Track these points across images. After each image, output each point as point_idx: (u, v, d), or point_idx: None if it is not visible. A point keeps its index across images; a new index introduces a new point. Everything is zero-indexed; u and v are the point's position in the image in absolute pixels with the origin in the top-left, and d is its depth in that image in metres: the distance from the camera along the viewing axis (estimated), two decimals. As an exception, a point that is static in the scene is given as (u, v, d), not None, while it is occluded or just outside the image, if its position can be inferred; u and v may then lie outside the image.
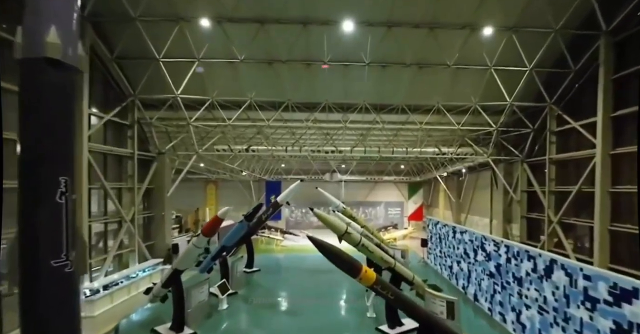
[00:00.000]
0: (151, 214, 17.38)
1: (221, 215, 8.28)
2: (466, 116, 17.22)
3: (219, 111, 17.40)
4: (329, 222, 8.59)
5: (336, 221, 8.58)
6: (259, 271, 17.37)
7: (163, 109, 16.88)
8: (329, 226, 8.62)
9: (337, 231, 8.51)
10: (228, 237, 13.39)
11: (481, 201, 24.15)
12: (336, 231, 8.52)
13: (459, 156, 19.28)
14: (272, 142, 20.39)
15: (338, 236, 8.66)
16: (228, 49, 15.18)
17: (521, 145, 18.25)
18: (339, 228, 8.51)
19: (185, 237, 20.32)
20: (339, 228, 8.54)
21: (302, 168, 33.52)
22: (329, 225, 8.58)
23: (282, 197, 15.85)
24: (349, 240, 8.88)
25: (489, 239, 11.18)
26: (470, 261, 12.99)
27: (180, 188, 36.60)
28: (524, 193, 17.87)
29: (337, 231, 8.53)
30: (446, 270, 16.53)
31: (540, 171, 17.02)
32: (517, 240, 17.54)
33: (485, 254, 11.39)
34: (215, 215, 8.46)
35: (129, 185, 15.74)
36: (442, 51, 15.19)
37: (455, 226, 15.20)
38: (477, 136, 19.73)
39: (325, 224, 8.61)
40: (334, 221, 8.59)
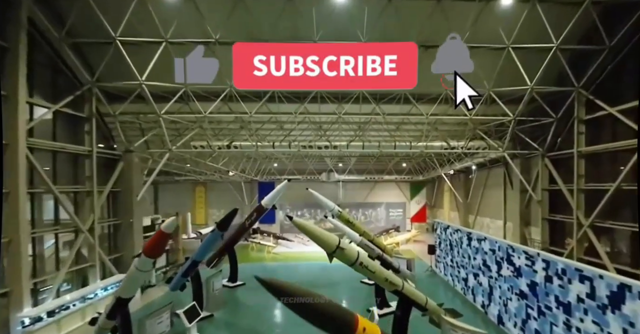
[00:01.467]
0: (118, 222, 15.09)
1: (166, 229, 6.11)
2: (478, 105, 14.95)
3: (195, 102, 15.14)
4: (315, 235, 6.26)
5: (324, 234, 6.25)
6: (244, 285, 15.14)
7: (129, 100, 14.63)
8: (315, 240, 6.33)
9: (326, 246, 6.21)
10: (199, 250, 11.22)
11: (492, 201, 21.89)
12: (325, 246, 6.22)
13: (469, 150, 17.02)
14: (259, 138, 18.09)
15: (328, 253, 6.39)
16: (201, 28, 12.98)
17: (540, 137, 16.02)
18: (328, 243, 6.19)
19: (161, 247, 18.03)
20: (329, 243, 6.22)
21: (296, 168, 31.25)
22: (315, 239, 6.27)
23: (267, 200, 13.56)
24: (343, 258, 6.56)
25: (518, 250, 8.84)
26: (491, 274, 10.74)
27: (166, 190, 34.67)
28: (545, 192, 15.62)
29: (326, 247, 6.23)
30: (459, 282, 14.27)
31: (564, 167, 14.79)
32: (538, 246, 15.30)
33: (513, 268, 9.12)
34: (159, 229, 6.28)
35: (88, 188, 13.46)
36: (451, 28, 13.00)
37: (470, 232, 12.88)
38: (488, 129, 17.50)
39: (310, 237, 6.32)
40: (321, 234, 6.25)
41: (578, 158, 13.47)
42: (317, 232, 6.33)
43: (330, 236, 6.34)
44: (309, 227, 6.54)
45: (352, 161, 28.74)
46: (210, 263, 15.57)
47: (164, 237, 6.38)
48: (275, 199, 13.16)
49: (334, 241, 6.33)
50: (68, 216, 12.47)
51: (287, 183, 12.71)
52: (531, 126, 16.20)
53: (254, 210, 13.82)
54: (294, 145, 17.11)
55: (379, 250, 12.44)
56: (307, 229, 6.52)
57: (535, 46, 12.71)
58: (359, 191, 35.17)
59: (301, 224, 6.52)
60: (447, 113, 16.09)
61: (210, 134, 18.27)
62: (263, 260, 21.93)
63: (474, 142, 16.96)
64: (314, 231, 6.37)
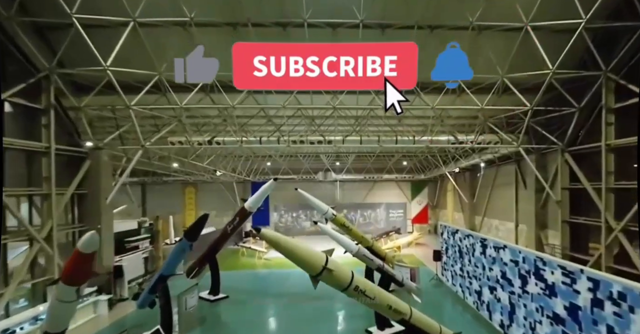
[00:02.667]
0: (84, 228, 13.35)
1: (84, 248, 4.28)
2: (490, 94, 13.29)
3: (171, 93, 13.42)
4: (292, 252, 4.46)
5: (303, 252, 4.42)
6: (227, 298, 13.48)
7: (96, 90, 12.94)
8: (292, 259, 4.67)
9: (308, 267, 4.45)
10: (166, 262, 9.52)
11: (502, 201, 20.23)
12: (307, 267, 4.46)
13: (480, 145, 15.32)
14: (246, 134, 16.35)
15: (311, 276, 4.66)
16: (175, 5, 11.30)
17: (558, 131, 14.36)
18: (310, 263, 4.39)
19: (139, 254, 16.35)
20: (311, 263, 4.41)
21: (291, 167, 29.54)
22: (293, 257, 4.56)
23: (251, 202, 11.85)
24: (332, 282, 4.82)
25: (551, 264, 6.99)
26: (513, 290, 8.93)
27: (154, 192, 32.89)
28: (566, 191, 13.94)
29: (308, 268, 4.49)
30: (471, 295, 12.45)
31: (588, 163, 13.13)
32: (558, 252, 13.64)
33: (543, 285, 7.28)
34: (75, 249, 4.56)
35: (45, 190, 11.74)
36: (460, 4, 11.40)
37: (485, 239, 11.16)
38: (499, 121, 15.82)
39: (286, 255, 4.62)
40: (300, 251, 4.38)
41: (606, 152, 11.79)
42: (295, 249, 4.65)
43: (314, 253, 4.66)
44: (282, 242, 4.82)
45: (349, 159, 27.06)
46: (190, 273, 13.89)
47: (83, 259, 4.69)
48: (261, 201, 11.52)
49: (318, 260, 4.65)
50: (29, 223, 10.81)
51: (274, 183, 11.04)
52: (547, 118, 14.56)
53: (236, 214, 12.15)
54: (284, 140, 15.37)
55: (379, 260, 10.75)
56: (281, 245, 4.82)
57: (559, 23, 10.99)
58: (357, 191, 33.49)
59: (272, 238, 4.80)
60: (455, 104, 14.44)
61: (192, 130, 16.55)
62: (254, 267, 20.21)
63: (484, 136, 15.26)
64: (291, 246, 4.67)
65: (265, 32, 12.49)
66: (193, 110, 16.14)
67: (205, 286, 13.90)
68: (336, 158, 28.04)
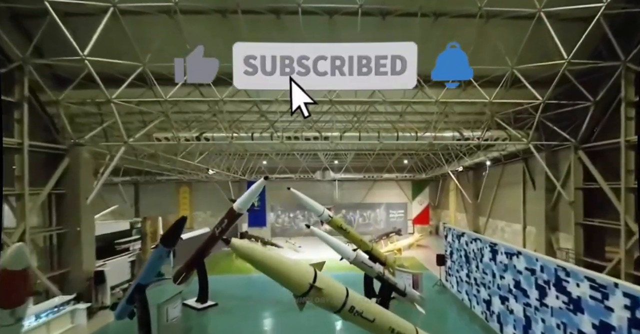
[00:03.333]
0: (62, 231, 12.45)
1: (10, 264, 3.22)
2: (499, 87, 12.39)
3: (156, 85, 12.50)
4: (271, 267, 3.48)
5: (285, 267, 3.47)
6: (216, 306, 12.59)
7: (75, 82, 12.06)
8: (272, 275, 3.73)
9: (292, 285, 3.45)
10: (144, 270, 8.63)
11: (508, 201, 19.33)
12: (290, 285, 3.49)
13: (487, 141, 14.39)
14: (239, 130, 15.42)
15: (296, 296, 3.67)
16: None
17: (570, 126, 13.46)
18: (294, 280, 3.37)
19: (124, 258, 15.45)
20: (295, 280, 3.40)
21: (288, 166, 28.64)
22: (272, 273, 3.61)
23: (240, 202, 10.94)
24: (321, 302, 3.86)
25: (576, 275, 5.94)
26: (529, 302, 7.94)
27: (148, 192, 31.93)
28: (579, 191, 13.04)
29: (292, 287, 3.49)
30: (479, 304, 11.49)
31: (604, 161, 12.24)
32: (572, 257, 12.75)
33: (567, 298, 6.25)
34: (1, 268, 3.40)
35: (18, 190, 10.83)
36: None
37: (495, 244, 10.24)
38: (506, 117, 14.91)
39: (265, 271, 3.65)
40: (280, 265, 3.45)
41: (626, 149, 10.88)
42: (275, 264, 3.75)
43: (299, 269, 3.76)
44: (258, 255, 3.86)
45: (348, 157, 26.16)
46: (177, 278, 13.00)
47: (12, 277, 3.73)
48: (250, 202, 10.61)
49: (304, 276, 3.78)
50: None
51: (264, 182, 10.14)
52: (557, 113, 13.67)
53: (225, 216, 11.25)
54: (277, 136, 14.45)
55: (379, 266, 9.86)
56: (256, 259, 3.86)
57: (576, 8, 10.08)
58: (356, 191, 32.56)
59: (245, 251, 3.82)
60: (459, 97, 13.54)
61: (182, 126, 15.65)
62: (247, 271, 19.25)
63: (491, 132, 14.34)
64: (270, 261, 3.76)
65: (256, 20, 11.62)
66: (182, 105, 15.24)
67: (193, 292, 13.01)
68: (335, 157, 27.13)
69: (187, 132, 14.79)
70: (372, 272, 8.79)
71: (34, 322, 10.19)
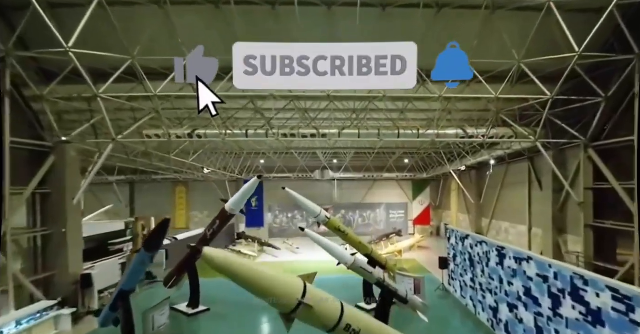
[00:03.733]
0: (47, 232, 11.88)
1: None
2: (505, 82, 11.82)
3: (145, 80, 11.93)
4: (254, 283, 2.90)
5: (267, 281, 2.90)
6: (208, 311, 12.01)
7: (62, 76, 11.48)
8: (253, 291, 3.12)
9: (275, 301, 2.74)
10: (126, 276, 8.08)
11: (512, 202, 18.75)
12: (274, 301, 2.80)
13: (492, 139, 13.81)
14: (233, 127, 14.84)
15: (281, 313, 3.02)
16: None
17: (578, 124, 12.89)
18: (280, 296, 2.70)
19: (115, 260, 14.88)
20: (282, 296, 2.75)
21: (287, 165, 28.07)
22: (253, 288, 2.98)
23: (232, 203, 10.34)
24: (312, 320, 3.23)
25: (596, 284, 5.26)
26: (540, 311, 7.33)
27: (143, 191, 31.33)
28: (589, 191, 12.46)
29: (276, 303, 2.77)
30: (484, 311, 10.89)
31: (616, 160, 11.68)
32: (581, 262, 12.18)
33: (584, 309, 5.61)
34: None
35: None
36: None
37: (503, 247, 9.66)
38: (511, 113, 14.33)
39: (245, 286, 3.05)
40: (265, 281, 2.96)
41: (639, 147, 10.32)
42: (256, 277, 3.15)
43: (285, 282, 3.20)
44: (236, 268, 3.24)
45: (348, 156, 25.59)
46: (168, 282, 12.45)
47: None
48: (243, 202, 10.05)
49: (291, 291, 3.20)
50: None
51: (257, 181, 9.58)
52: (564, 110, 13.10)
53: (216, 217, 10.69)
54: (272, 133, 13.88)
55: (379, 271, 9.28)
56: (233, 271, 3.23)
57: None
58: (356, 191, 31.99)
59: (220, 262, 3.19)
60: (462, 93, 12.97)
61: (174, 123, 15.08)
62: (243, 272, 18.68)
63: (497, 130, 13.76)
64: (250, 274, 3.18)
65: (251, 11, 11.09)
66: (174, 101, 14.69)
67: (184, 297, 12.44)
68: (334, 155, 26.56)
69: (179, 129, 14.20)
70: (372, 278, 8.22)
71: (14, 329, 9.64)
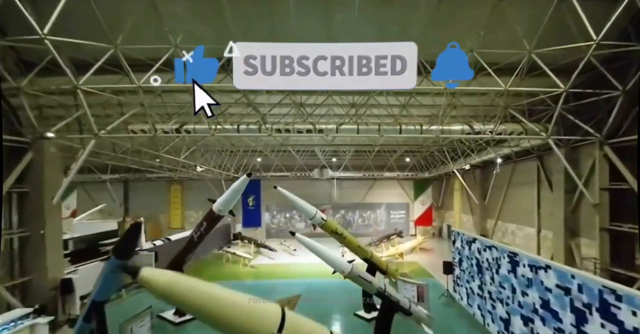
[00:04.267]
0: (25, 234, 11.10)
1: None
2: (515, 74, 11.01)
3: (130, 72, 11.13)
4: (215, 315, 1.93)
5: (236, 311, 2.02)
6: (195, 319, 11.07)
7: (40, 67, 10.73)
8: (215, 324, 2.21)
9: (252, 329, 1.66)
10: (98, 286, 7.33)
11: (519, 203, 17.93)
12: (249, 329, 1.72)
13: (500, 135, 12.99)
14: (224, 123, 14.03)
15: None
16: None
17: (592, 120, 12.09)
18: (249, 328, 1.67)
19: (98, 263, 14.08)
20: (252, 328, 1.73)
21: (285, 164, 27.26)
22: (214, 322, 2.03)
23: (220, 203, 9.48)
24: None
25: (631, 300, 4.23)
26: (560, 327, 6.40)
27: (138, 190, 30.53)
28: (605, 192, 11.65)
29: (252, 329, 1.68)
30: (494, 322, 9.98)
31: (634, 158, 10.84)
32: (598, 268, 11.36)
33: (617, 329, 4.59)
34: None
35: (-33, 188, 9.48)
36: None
37: (516, 254, 8.79)
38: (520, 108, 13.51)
39: (199, 316, 2.11)
40: (231, 312, 2.06)
41: (663, 144, 9.48)
42: (214, 304, 2.27)
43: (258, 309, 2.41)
44: (185, 292, 2.29)
45: (347, 155, 24.78)
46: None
47: None
48: (232, 202, 9.25)
49: (265, 320, 2.31)
50: None
51: (247, 179, 8.78)
52: (577, 105, 12.31)
53: (203, 218, 9.89)
54: (265, 128, 13.08)
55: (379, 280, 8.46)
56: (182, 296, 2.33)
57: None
58: (355, 190, 31.19)
59: (161, 286, 2.20)
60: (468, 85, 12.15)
61: (162, 118, 14.29)
62: (238, 276, 17.92)
63: (505, 126, 12.94)
64: (207, 300, 2.30)
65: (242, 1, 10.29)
66: (164, 95, 13.94)
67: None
68: (333, 154, 25.75)
69: (166, 124, 13.41)
70: (372, 288, 7.41)
71: (-17, 340, 8.87)
